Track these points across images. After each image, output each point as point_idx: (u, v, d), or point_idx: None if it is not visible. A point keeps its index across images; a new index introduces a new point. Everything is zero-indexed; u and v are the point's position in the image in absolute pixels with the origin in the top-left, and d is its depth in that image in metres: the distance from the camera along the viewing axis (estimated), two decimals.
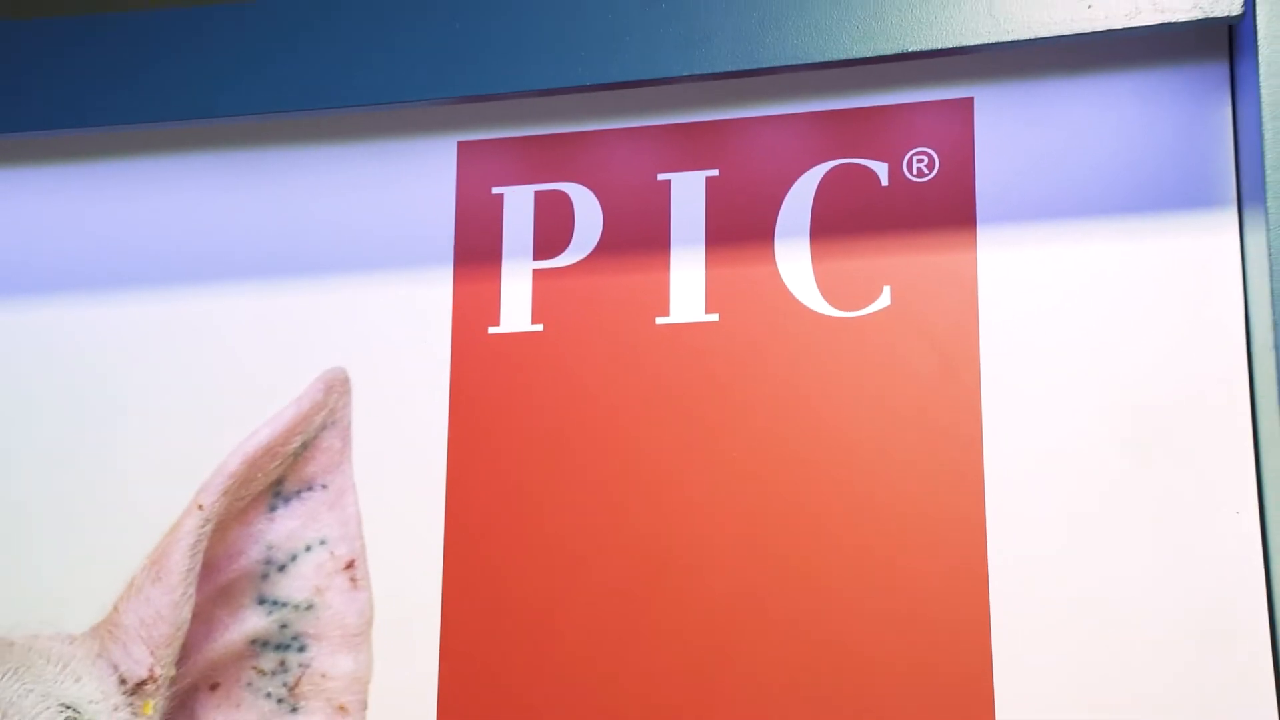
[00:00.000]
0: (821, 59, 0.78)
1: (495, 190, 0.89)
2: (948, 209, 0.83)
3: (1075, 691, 0.76)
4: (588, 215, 0.88)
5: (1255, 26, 0.70)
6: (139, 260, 0.95)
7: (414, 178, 0.91)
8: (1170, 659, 0.74)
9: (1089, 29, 0.73)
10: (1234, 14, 0.71)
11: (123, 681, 0.90)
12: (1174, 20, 0.72)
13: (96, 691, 0.90)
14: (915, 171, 0.84)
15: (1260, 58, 0.70)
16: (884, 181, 0.84)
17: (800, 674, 0.80)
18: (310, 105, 0.83)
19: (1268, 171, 0.68)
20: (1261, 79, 0.69)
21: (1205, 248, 0.76)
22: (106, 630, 0.92)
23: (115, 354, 0.94)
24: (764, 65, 0.79)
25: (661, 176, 0.87)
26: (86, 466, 0.93)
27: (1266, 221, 0.68)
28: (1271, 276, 0.67)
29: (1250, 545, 0.73)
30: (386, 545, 0.87)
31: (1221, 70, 0.78)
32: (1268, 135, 0.69)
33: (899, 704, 0.78)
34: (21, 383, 0.95)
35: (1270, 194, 0.68)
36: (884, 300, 0.83)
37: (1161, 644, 0.74)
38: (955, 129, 0.84)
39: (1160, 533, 0.75)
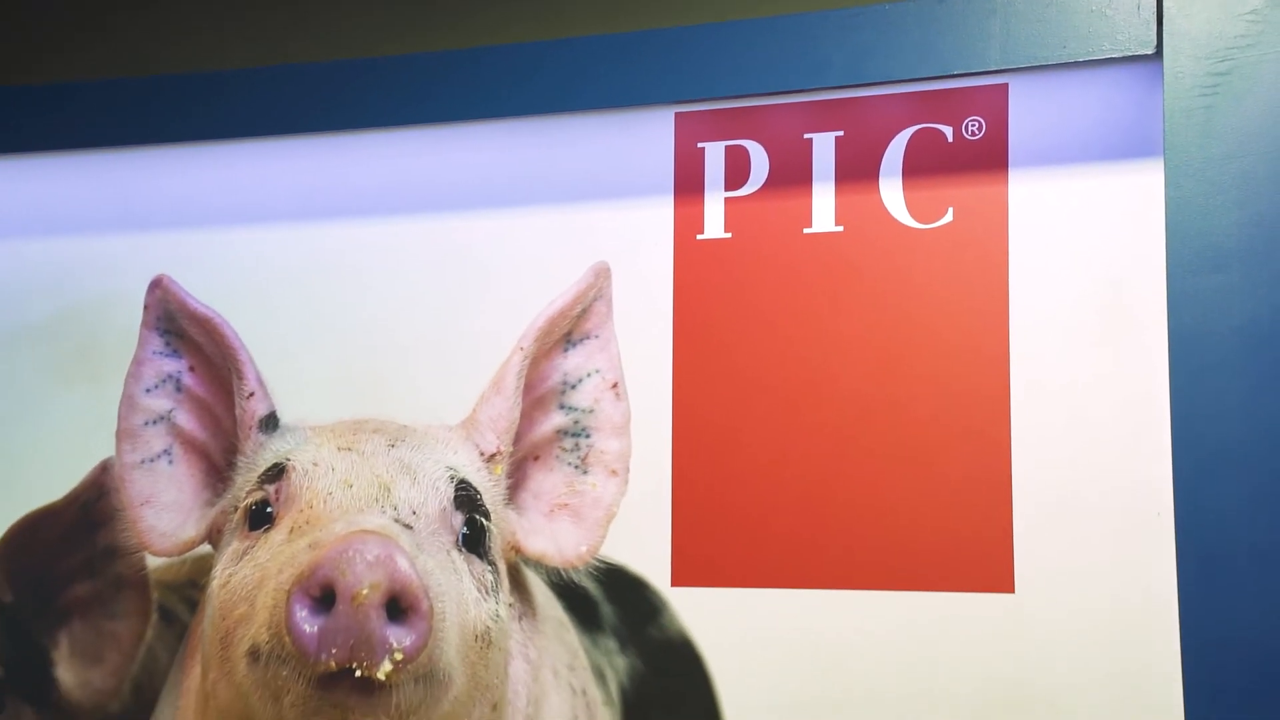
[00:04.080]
0: (906, 76, 1.25)
1: (699, 144, 1.36)
2: (990, 157, 1.28)
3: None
4: (759, 161, 1.35)
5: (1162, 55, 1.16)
6: (461, 193, 1.43)
7: (647, 136, 1.37)
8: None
9: (1069, 59, 1.19)
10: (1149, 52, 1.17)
11: (481, 454, 1.33)
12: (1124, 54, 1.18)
13: (466, 459, 1.31)
14: (970, 132, 1.29)
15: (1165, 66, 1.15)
16: (949, 139, 1.30)
17: (895, 480, 1.29)
18: (590, 106, 1.33)
19: (1166, 135, 1.15)
20: (1166, 83, 1.15)
21: (1136, 185, 1.22)
22: (469, 424, 1.35)
23: (484, 257, 1.42)
24: (874, 80, 1.26)
25: (806, 135, 1.34)
26: (462, 335, 1.41)
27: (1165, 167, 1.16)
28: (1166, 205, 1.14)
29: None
30: (636, 373, 1.36)
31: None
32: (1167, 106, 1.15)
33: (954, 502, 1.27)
34: (411, 277, 1.44)
35: (1166, 146, 1.15)
36: (949, 217, 1.29)
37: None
38: (996, 104, 1.29)
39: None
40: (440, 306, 1.43)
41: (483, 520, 1.28)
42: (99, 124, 1.51)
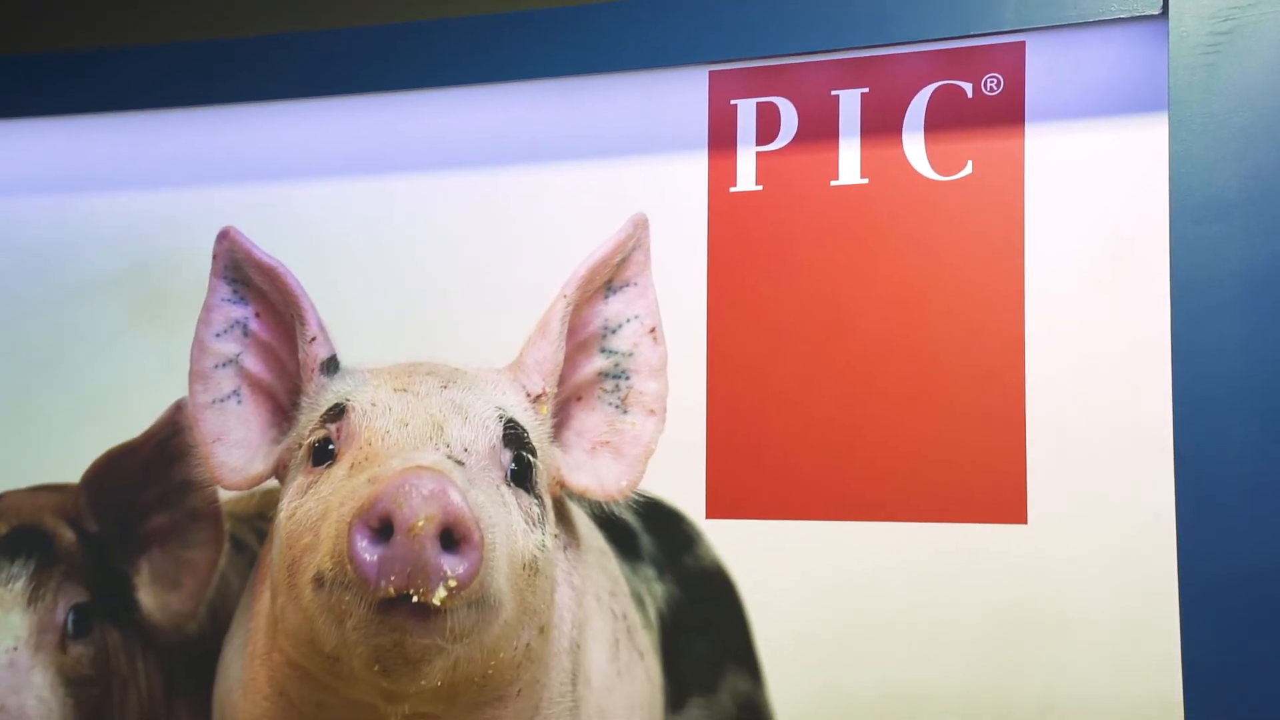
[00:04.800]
0: (928, 35, 1.31)
1: (732, 101, 1.43)
2: (1008, 112, 1.34)
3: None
4: (789, 116, 1.41)
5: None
6: (507, 149, 1.50)
7: (682, 94, 1.43)
8: None
9: (1081, 19, 1.25)
10: (1155, 12, 1.23)
11: (528, 395, 1.37)
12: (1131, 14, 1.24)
13: (514, 400, 1.35)
14: (989, 88, 1.35)
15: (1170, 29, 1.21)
16: (969, 95, 1.36)
17: (916, 410, 1.36)
18: (629, 66, 1.40)
19: (1171, 91, 1.21)
20: (1170, 42, 1.21)
21: (1143, 138, 1.28)
22: (516, 366, 1.37)
23: (528, 210, 1.50)
24: (898, 39, 1.32)
25: (833, 92, 1.40)
26: (508, 283, 1.48)
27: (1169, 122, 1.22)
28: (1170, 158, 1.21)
29: None
30: (672, 318, 1.42)
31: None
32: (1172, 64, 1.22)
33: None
34: (460, 228, 1.51)
35: (1171, 102, 1.21)
36: (968, 169, 1.35)
37: None
38: (1014, 61, 1.35)
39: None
40: (487, 256, 1.50)
41: (530, 457, 1.31)
42: (168, 85, 1.58)
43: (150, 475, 1.58)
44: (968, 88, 1.35)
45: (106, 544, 1.59)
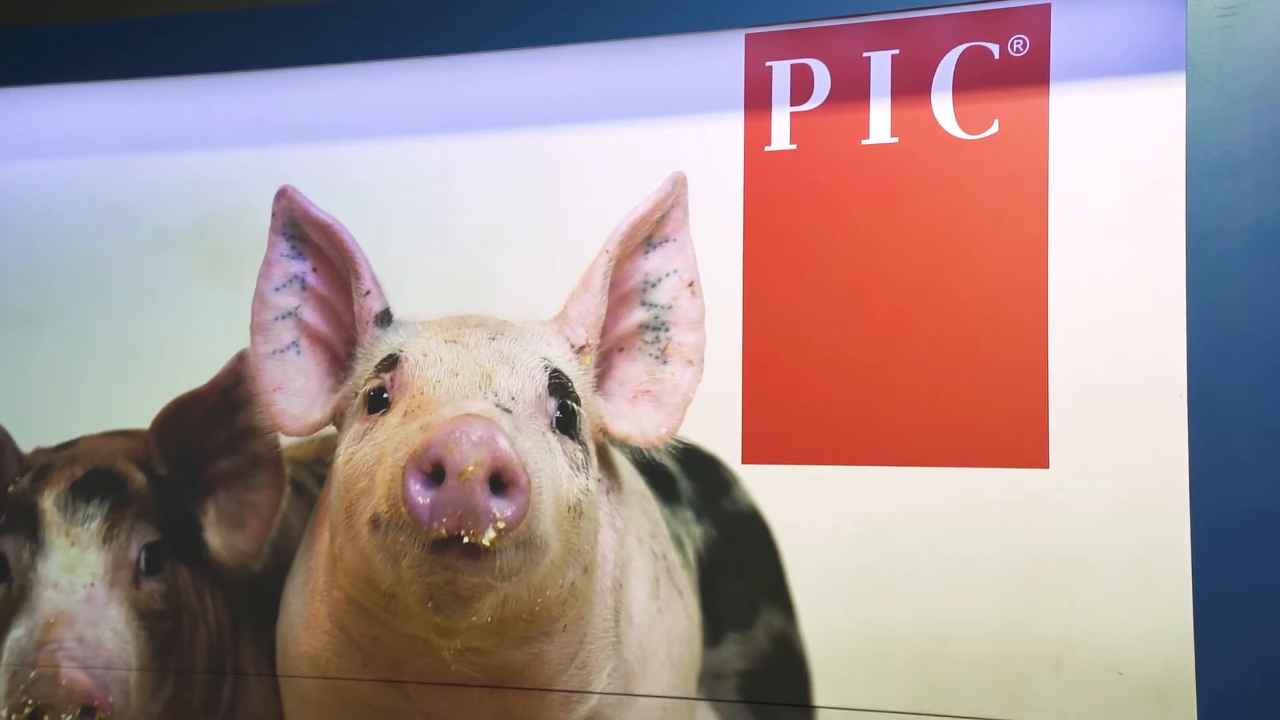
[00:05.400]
0: (953, 0, 1.35)
1: (767, 63, 1.47)
2: (1033, 71, 1.38)
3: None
4: (822, 78, 1.46)
5: None
6: (550, 110, 1.54)
7: (719, 57, 1.47)
8: None
9: None
10: None
11: (572, 346, 1.41)
12: None
13: (558, 351, 1.39)
14: (1015, 49, 1.39)
15: None
16: (996, 56, 1.40)
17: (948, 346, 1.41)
18: (669, 30, 1.45)
19: (1189, 53, 1.26)
20: (1189, 5, 1.25)
21: (1162, 98, 1.32)
22: (561, 319, 1.43)
23: (571, 169, 1.53)
24: (928, 2, 1.36)
25: (865, 54, 1.44)
26: (553, 239, 1.52)
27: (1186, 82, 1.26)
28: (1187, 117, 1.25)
29: None
30: (710, 272, 1.47)
31: None
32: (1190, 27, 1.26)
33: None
34: (506, 186, 1.54)
35: (1188, 63, 1.25)
36: (994, 128, 1.40)
37: None
38: (1040, 23, 1.38)
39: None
40: (532, 213, 1.54)
41: (574, 405, 1.36)
42: (229, 51, 1.63)
43: (215, 422, 1.63)
44: (995, 49, 1.39)
45: (175, 487, 1.64)
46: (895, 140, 1.43)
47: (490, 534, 1.19)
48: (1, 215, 1.72)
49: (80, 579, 1.58)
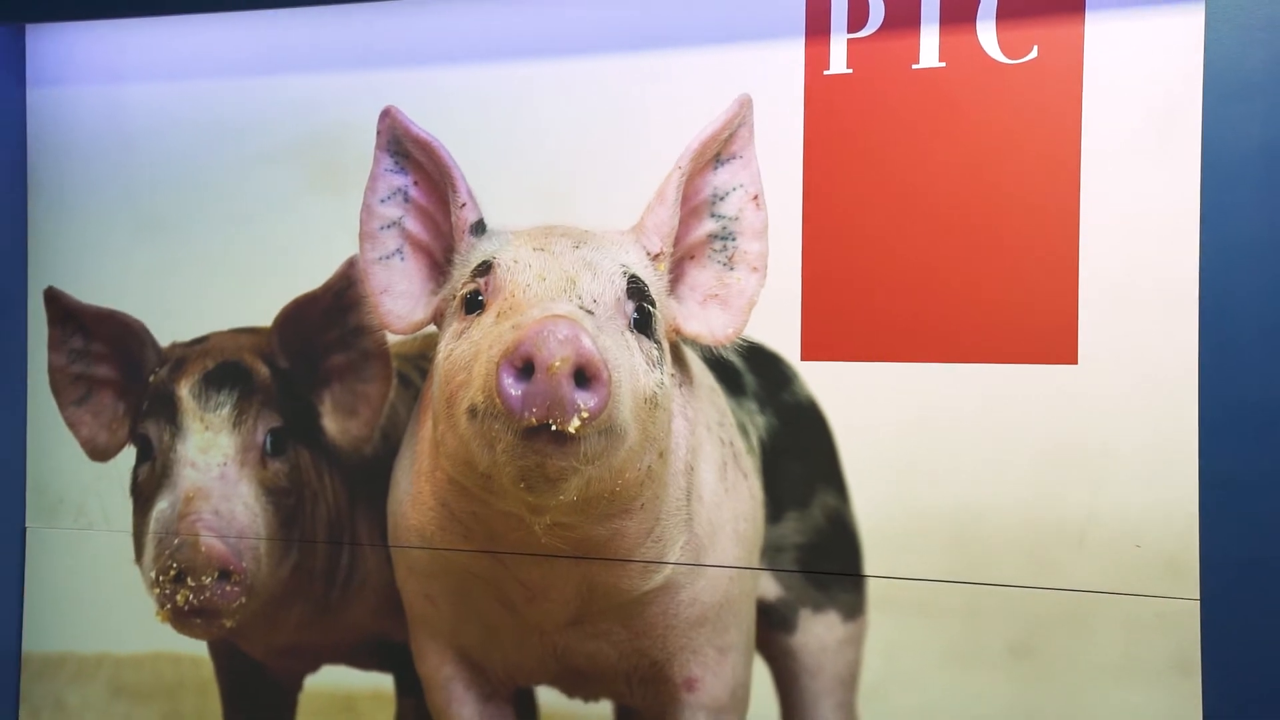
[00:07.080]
0: None
1: None
2: (1069, 1, 1.48)
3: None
4: (876, 5, 1.55)
5: None
6: (626, 37, 1.64)
7: None
8: None
9: None
10: None
11: (648, 254, 1.48)
12: None
13: (636, 258, 1.45)
14: None
15: None
16: None
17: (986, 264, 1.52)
18: None
19: None
20: None
21: (1183, 26, 1.41)
22: (638, 229, 1.50)
23: (645, 91, 1.63)
24: None
25: None
26: (629, 155, 1.62)
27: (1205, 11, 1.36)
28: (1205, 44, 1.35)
29: None
30: (773, 187, 1.57)
31: None
32: None
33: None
34: (587, 108, 1.65)
35: None
36: (1034, 54, 1.50)
37: None
38: None
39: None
40: (611, 132, 1.63)
41: (650, 307, 1.42)
42: None
43: (330, 321, 1.73)
44: None
45: (295, 378, 1.75)
46: (943, 65, 1.52)
47: (575, 422, 1.25)
48: (135, 134, 1.83)
49: (214, 459, 1.70)
